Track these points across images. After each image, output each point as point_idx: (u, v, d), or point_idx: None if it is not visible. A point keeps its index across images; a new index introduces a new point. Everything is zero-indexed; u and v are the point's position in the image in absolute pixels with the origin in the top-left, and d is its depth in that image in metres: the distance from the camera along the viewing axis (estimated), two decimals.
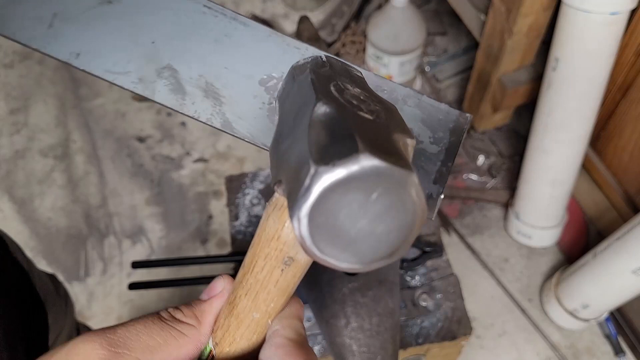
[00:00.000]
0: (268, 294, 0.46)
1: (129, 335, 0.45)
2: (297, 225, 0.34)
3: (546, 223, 1.74)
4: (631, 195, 1.63)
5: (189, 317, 0.49)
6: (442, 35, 2.32)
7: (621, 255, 1.38)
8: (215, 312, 0.50)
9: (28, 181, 2.04)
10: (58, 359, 0.43)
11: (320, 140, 0.36)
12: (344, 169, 0.33)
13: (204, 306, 0.50)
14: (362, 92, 0.43)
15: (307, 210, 0.33)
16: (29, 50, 2.31)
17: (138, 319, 0.47)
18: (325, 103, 0.38)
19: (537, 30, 1.61)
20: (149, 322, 0.47)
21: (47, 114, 2.19)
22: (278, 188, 0.42)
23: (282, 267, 0.45)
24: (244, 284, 0.47)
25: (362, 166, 0.33)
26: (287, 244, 0.44)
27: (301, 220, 0.34)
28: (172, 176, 2.04)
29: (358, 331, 0.83)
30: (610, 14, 1.26)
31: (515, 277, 1.83)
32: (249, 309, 0.47)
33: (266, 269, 0.45)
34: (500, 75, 1.74)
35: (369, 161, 0.33)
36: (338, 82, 0.42)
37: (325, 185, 0.33)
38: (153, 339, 0.46)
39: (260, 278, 0.46)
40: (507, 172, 1.99)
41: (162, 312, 0.49)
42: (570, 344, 1.72)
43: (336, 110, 0.38)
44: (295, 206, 0.34)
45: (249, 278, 0.47)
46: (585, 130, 1.50)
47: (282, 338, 0.47)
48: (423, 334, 1.01)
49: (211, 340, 0.50)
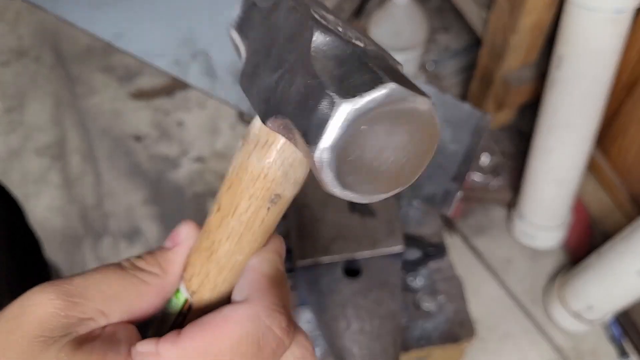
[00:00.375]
0: (252, 235, 0.45)
1: (86, 284, 0.43)
2: (320, 159, 0.34)
3: (550, 223, 1.74)
4: (636, 195, 1.62)
5: (151, 265, 0.47)
6: (445, 32, 2.31)
7: (626, 255, 1.38)
8: (181, 260, 0.48)
9: (24, 181, 2.03)
10: (11, 312, 0.41)
11: (333, 71, 0.36)
12: (370, 100, 0.33)
13: (169, 255, 0.48)
14: (339, 20, 0.42)
15: (334, 144, 0.34)
16: (25, 48, 2.30)
17: (97, 268, 0.45)
18: (324, 32, 0.37)
19: (540, 28, 1.60)
20: (109, 271, 0.45)
21: (43, 113, 2.17)
22: (272, 122, 0.39)
23: (269, 206, 0.44)
24: (224, 227, 0.45)
25: (388, 96, 0.33)
26: (275, 182, 0.43)
27: (326, 155, 0.34)
28: (170, 176, 2.02)
29: (359, 334, 0.83)
30: (614, 12, 1.26)
31: (518, 278, 1.82)
32: (232, 253, 0.46)
33: (251, 209, 0.44)
34: (503, 73, 1.73)
35: (395, 91, 0.33)
36: (316, 10, 0.41)
37: (352, 117, 0.33)
38: (112, 288, 0.44)
39: (245, 219, 0.44)
40: (510, 171, 1.98)
41: (124, 260, 0.47)
42: (574, 346, 1.71)
43: (336, 39, 0.38)
44: (319, 140, 0.34)
45: (230, 221, 0.45)
46: (589, 129, 1.49)
47: (256, 273, 0.45)
48: (425, 336, 1.01)
49: (184, 290, 0.48)
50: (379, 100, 0.33)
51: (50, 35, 2.36)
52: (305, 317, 1.01)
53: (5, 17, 2.44)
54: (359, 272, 0.87)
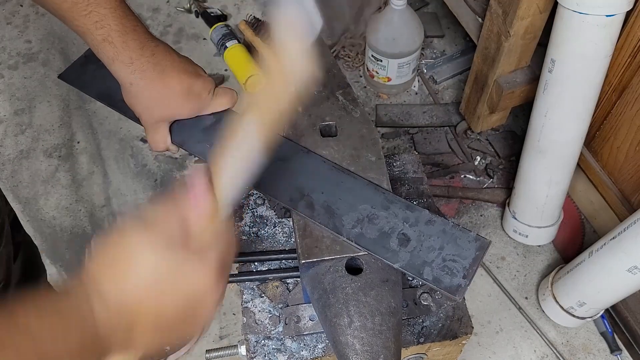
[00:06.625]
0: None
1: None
2: None
3: (542, 222, 1.76)
4: (626, 194, 1.65)
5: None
6: (440, 37, 2.34)
7: (617, 254, 1.39)
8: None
9: (32, 181, 2.07)
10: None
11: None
12: None
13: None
14: None
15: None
16: (33, 51, 2.33)
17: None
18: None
19: (533, 32, 1.63)
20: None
21: (51, 115, 2.21)
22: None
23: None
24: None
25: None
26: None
27: None
28: (175, 176, 2.06)
29: (361, 330, 0.85)
30: (606, 16, 1.27)
31: (511, 275, 1.85)
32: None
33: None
34: (497, 77, 1.76)
35: None
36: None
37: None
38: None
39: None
40: (503, 172, 2.01)
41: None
42: (566, 341, 1.75)
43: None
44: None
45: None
46: (581, 130, 1.51)
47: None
48: (424, 333, 1.03)
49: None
50: None
51: (58, 39, 2.40)
52: (308, 314, 1.04)
53: (14, 22, 2.47)
54: (361, 269, 0.89)
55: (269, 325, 1.03)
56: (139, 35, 0.79)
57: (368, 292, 0.87)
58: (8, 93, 2.27)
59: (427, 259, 0.88)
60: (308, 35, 0.61)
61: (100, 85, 1.00)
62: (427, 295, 1.04)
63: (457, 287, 0.86)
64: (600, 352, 1.73)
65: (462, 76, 2.24)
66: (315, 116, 1.03)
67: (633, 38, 1.41)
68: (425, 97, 2.21)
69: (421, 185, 1.17)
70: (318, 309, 0.92)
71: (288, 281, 1.07)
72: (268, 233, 1.12)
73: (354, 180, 0.95)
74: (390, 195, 0.93)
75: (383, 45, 2.01)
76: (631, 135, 1.54)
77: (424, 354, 1.06)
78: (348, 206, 0.93)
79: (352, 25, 2.24)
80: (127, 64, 0.79)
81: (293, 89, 0.63)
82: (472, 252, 0.88)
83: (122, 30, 0.77)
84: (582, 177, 1.79)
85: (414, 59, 2.06)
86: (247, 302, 1.05)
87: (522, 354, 1.73)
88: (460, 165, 2.03)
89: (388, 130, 2.12)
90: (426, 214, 0.92)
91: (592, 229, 1.85)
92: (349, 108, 1.04)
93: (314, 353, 1.01)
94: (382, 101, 2.20)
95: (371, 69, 2.13)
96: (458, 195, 1.95)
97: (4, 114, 2.23)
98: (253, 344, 1.01)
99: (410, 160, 1.21)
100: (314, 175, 0.96)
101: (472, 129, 2.04)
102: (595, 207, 1.80)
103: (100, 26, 0.76)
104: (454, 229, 0.90)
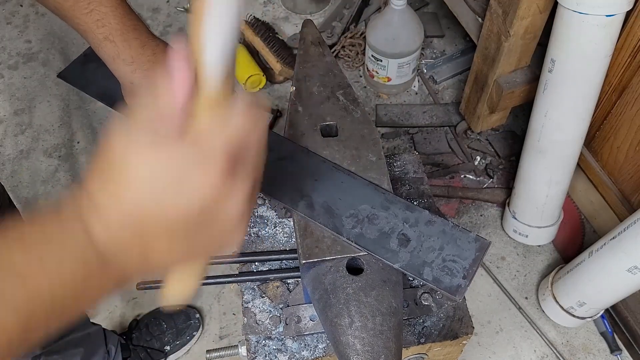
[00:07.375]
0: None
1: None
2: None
3: (542, 222, 1.76)
4: (626, 194, 1.65)
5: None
6: (440, 37, 2.34)
7: (617, 254, 1.39)
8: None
9: (32, 181, 2.07)
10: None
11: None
12: None
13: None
14: None
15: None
16: (33, 51, 2.33)
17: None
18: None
19: (533, 32, 1.63)
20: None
21: (51, 115, 2.21)
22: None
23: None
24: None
25: None
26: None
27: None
28: None
29: (362, 330, 0.85)
30: (606, 16, 1.27)
31: (511, 275, 1.86)
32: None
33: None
34: (497, 77, 1.76)
35: None
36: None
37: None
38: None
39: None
40: (503, 172, 2.01)
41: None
42: (566, 341, 1.75)
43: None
44: None
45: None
46: (581, 130, 1.51)
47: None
48: (425, 333, 1.03)
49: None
50: None
51: (58, 39, 2.39)
52: (308, 314, 1.04)
53: (14, 22, 2.47)
54: (362, 269, 0.89)
55: (269, 326, 1.03)
56: (140, 34, 0.80)
57: (369, 292, 0.87)
58: (8, 93, 2.27)
59: (427, 260, 0.88)
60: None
61: (100, 84, 1.00)
62: (427, 295, 1.04)
63: (457, 287, 0.86)
64: (600, 352, 1.73)
65: (462, 76, 2.24)
66: (316, 116, 1.03)
67: (633, 38, 1.41)
68: (425, 97, 2.21)
69: (422, 185, 1.17)
70: (319, 309, 0.92)
71: (289, 281, 1.07)
72: (268, 233, 1.12)
73: (354, 181, 0.95)
74: (390, 196, 0.93)
75: (383, 45, 2.01)
76: (631, 135, 1.54)
77: (425, 354, 1.07)
78: (348, 206, 0.93)
79: (352, 24, 2.24)
80: (127, 63, 0.79)
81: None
82: (472, 253, 0.89)
83: (122, 29, 0.77)
84: (582, 177, 1.79)
85: (414, 59, 2.07)
86: (247, 303, 1.05)
87: (522, 354, 1.73)
88: (460, 165, 2.03)
89: (388, 130, 2.12)
90: (426, 215, 0.92)
91: (592, 229, 1.85)
92: (349, 108, 1.04)
93: (315, 353, 1.01)
94: (382, 101, 2.20)
95: (371, 69, 2.13)
96: (458, 195, 1.95)
97: (4, 114, 2.23)
98: (254, 344, 1.02)
99: (411, 160, 1.21)
100: (314, 175, 0.96)
101: (472, 129, 2.04)
102: (595, 207, 1.80)
103: (101, 25, 0.76)
104: (454, 229, 0.91)
